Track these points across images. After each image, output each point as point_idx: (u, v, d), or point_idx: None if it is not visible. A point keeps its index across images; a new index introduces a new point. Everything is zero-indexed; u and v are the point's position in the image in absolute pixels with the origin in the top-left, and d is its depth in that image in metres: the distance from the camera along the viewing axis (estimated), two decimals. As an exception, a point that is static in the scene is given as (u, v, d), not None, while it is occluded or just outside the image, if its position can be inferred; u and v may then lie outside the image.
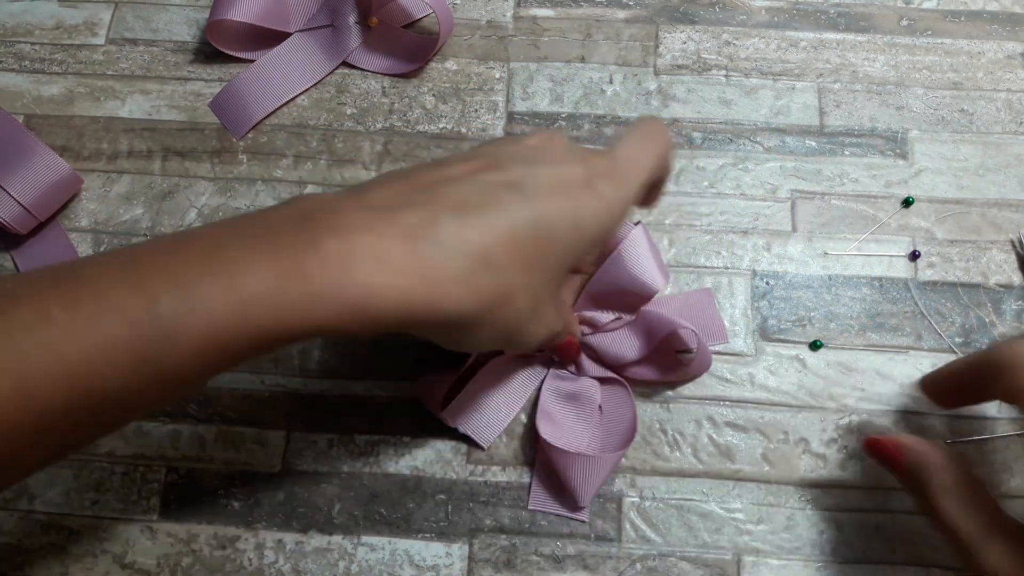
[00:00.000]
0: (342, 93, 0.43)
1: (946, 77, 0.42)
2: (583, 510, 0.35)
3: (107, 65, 0.44)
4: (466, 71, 0.43)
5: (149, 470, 0.36)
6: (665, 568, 0.34)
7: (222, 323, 0.21)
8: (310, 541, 0.35)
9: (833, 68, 0.43)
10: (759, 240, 0.39)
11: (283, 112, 0.43)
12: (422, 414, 0.37)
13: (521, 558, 0.35)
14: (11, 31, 0.45)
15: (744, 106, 0.42)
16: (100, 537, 0.35)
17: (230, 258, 0.22)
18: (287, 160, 0.42)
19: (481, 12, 0.44)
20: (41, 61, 0.44)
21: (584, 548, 0.35)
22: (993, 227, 0.39)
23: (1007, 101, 0.42)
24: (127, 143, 0.42)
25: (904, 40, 0.43)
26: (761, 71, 0.43)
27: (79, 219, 0.41)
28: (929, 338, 0.38)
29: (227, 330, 0.22)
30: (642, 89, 0.43)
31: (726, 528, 0.35)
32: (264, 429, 0.37)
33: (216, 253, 0.22)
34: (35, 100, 0.43)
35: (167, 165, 0.42)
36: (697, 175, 0.41)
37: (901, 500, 0.35)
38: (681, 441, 0.36)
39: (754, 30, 0.44)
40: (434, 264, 0.24)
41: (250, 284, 0.22)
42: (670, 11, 0.44)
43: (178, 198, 0.41)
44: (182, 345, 0.21)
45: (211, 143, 0.42)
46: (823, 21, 0.44)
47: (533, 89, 0.43)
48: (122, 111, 0.43)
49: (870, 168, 0.41)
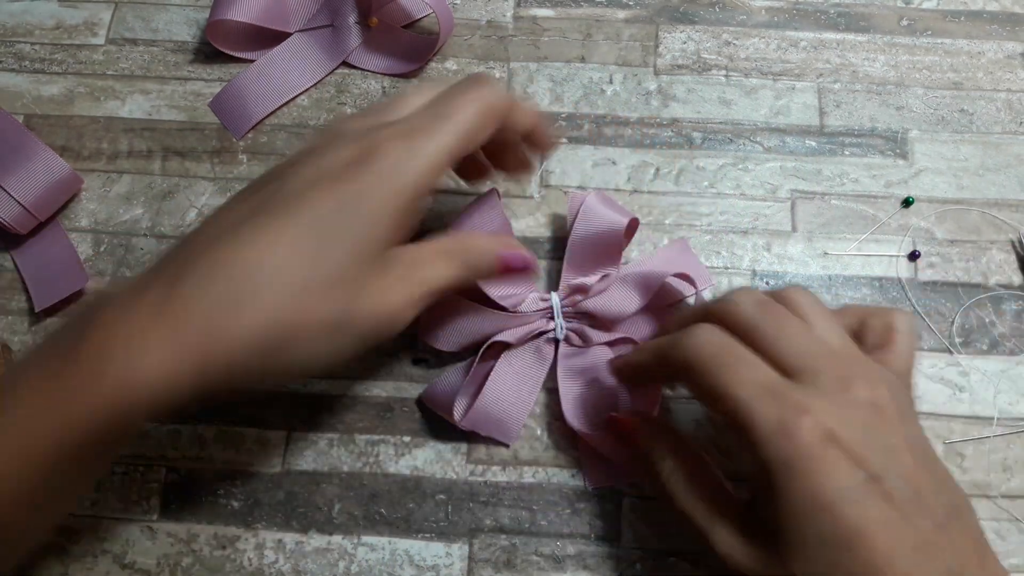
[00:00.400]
0: (342, 93, 0.43)
1: (946, 77, 0.42)
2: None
3: (107, 65, 0.44)
4: (466, 71, 0.43)
5: (149, 470, 0.36)
6: (665, 569, 0.34)
7: (19, 451, 0.23)
8: (310, 541, 0.35)
9: (833, 68, 0.43)
10: (759, 240, 0.39)
11: (283, 112, 0.43)
12: (422, 414, 0.37)
13: (521, 558, 0.35)
14: (11, 31, 0.45)
15: (744, 106, 0.42)
16: (100, 537, 0.35)
17: (10, 390, 0.24)
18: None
19: (481, 12, 0.44)
20: (41, 61, 0.44)
21: (584, 548, 0.35)
22: (993, 227, 0.39)
23: (1007, 101, 0.42)
24: (127, 143, 0.42)
25: (904, 40, 0.43)
26: (761, 71, 0.43)
27: (79, 219, 0.41)
28: (929, 338, 0.38)
29: (30, 452, 0.23)
30: (642, 89, 0.43)
31: (726, 528, 0.35)
32: (264, 429, 0.37)
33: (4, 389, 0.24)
34: (35, 100, 0.43)
35: (167, 165, 0.42)
36: (697, 175, 0.41)
37: (901, 500, 0.35)
38: (681, 441, 0.36)
39: (754, 30, 0.44)
40: (188, 322, 0.23)
41: (25, 406, 0.23)
42: (670, 11, 0.44)
43: (178, 198, 0.41)
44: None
45: (211, 143, 0.42)
46: (823, 21, 0.44)
47: (533, 89, 0.43)
48: (122, 111, 0.43)
49: (870, 168, 0.41)
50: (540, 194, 0.41)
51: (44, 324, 0.39)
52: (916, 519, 0.25)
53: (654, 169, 0.41)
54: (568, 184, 0.41)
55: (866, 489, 0.25)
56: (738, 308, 0.28)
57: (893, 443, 0.26)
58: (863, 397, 0.26)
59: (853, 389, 0.26)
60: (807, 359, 0.27)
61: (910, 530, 0.24)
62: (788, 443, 0.25)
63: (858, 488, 0.25)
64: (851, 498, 0.24)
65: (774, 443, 0.25)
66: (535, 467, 0.36)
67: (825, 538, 0.25)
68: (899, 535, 0.24)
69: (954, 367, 0.37)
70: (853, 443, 0.25)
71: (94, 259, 0.40)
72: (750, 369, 0.27)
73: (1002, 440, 0.36)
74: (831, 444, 0.25)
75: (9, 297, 0.39)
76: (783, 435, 0.25)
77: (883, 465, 0.25)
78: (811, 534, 0.25)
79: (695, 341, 0.28)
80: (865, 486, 0.25)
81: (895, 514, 0.24)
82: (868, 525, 0.24)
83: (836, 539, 0.24)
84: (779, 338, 0.27)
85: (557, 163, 0.41)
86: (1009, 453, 0.36)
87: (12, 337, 0.39)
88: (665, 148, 0.41)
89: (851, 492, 0.25)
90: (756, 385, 0.26)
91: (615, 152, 0.41)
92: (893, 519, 0.24)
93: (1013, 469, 0.35)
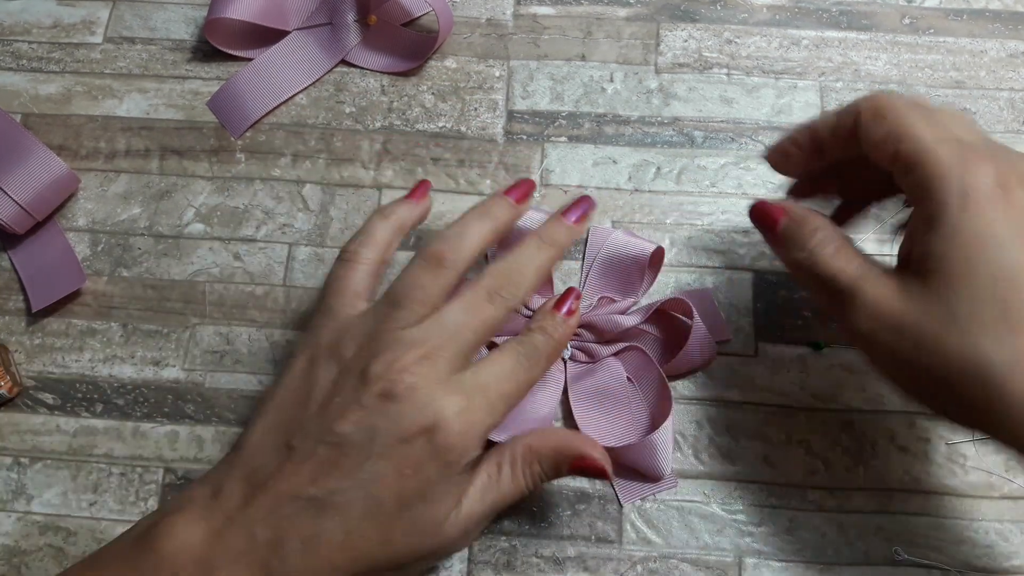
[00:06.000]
0: (341, 91, 0.43)
1: (948, 76, 0.42)
2: (672, 475, 0.35)
3: (105, 64, 0.43)
4: (466, 69, 0.43)
5: (147, 471, 0.36)
6: (666, 570, 0.34)
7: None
8: (309, 542, 0.35)
9: (835, 67, 0.43)
10: (761, 239, 0.39)
11: (281, 111, 0.42)
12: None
13: (521, 560, 0.34)
14: (8, 30, 0.44)
15: (746, 105, 0.42)
16: (98, 538, 0.35)
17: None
18: (285, 159, 0.41)
19: (481, 10, 0.44)
20: (38, 60, 0.44)
21: (584, 550, 0.34)
22: (996, 226, 0.39)
23: (1010, 100, 0.42)
24: (125, 142, 0.42)
25: (906, 39, 0.43)
26: (763, 69, 0.43)
27: (76, 218, 0.41)
28: (931, 338, 0.37)
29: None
30: (643, 87, 0.42)
31: (727, 530, 0.35)
32: (263, 430, 0.37)
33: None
34: (32, 99, 0.43)
35: (165, 164, 0.41)
36: (698, 174, 0.41)
37: (903, 501, 0.35)
38: (682, 442, 0.36)
39: (756, 28, 0.43)
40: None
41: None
42: (671, 9, 0.44)
43: (176, 197, 0.41)
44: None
45: (209, 142, 0.42)
46: (825, 19, 0.44)
47: (533, 87, 0.42)
48: (120, 110, 0.43)
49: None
50: (540, 193, 0.40)
51: (41, 324, 0.39)
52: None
53: (655, 168, 0.41)
54: (568, 183, 0.40)
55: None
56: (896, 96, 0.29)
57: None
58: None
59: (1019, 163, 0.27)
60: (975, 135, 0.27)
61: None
62: (971, 178, 0.25)
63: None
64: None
65: (956, 176, 0.25)
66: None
67: (996, 274, 0.24)
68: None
69: (957, 367, 0.37)
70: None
71: (91, 259, 0.40)
72: (932, 122, 0.27)
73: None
74: (1010, 190, 0.25)
75: (6, 297, 0.39)
76: (966, 170, 0.25)
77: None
78: (982, 269, 0.24)
79: (880, 94, 0.28)
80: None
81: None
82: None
83: (1007, 276, 0.24)
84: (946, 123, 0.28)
85: (557, 162, 0.41)
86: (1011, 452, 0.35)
87: (9, 337, 0.38)
88: (666, 147, 0.41)
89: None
90: (941, 130, 0.27)
91: (616, 151, 0.41)
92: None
93: (1016, 469, 0.35)
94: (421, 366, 0.27)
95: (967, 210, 0.25)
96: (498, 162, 0.41)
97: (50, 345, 0.38)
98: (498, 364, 0.29)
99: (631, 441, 0.35)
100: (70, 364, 0.38)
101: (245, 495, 0.27)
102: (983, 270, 0.25)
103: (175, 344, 0.38)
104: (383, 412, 0.27)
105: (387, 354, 0.27)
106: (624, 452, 0.35)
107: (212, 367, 0.38)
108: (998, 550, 0.34)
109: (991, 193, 0.25)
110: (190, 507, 0.27)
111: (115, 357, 0.38)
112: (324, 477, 0.27)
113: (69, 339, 0.38)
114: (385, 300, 0.29)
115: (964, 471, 0.35)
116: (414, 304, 0.28)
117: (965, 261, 0.25)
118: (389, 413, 0.27)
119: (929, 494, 0.35)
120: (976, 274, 0.25)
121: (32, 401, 0.37)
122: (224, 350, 0.38)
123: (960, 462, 0.35)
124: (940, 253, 0.25)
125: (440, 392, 0.27)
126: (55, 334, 0.39)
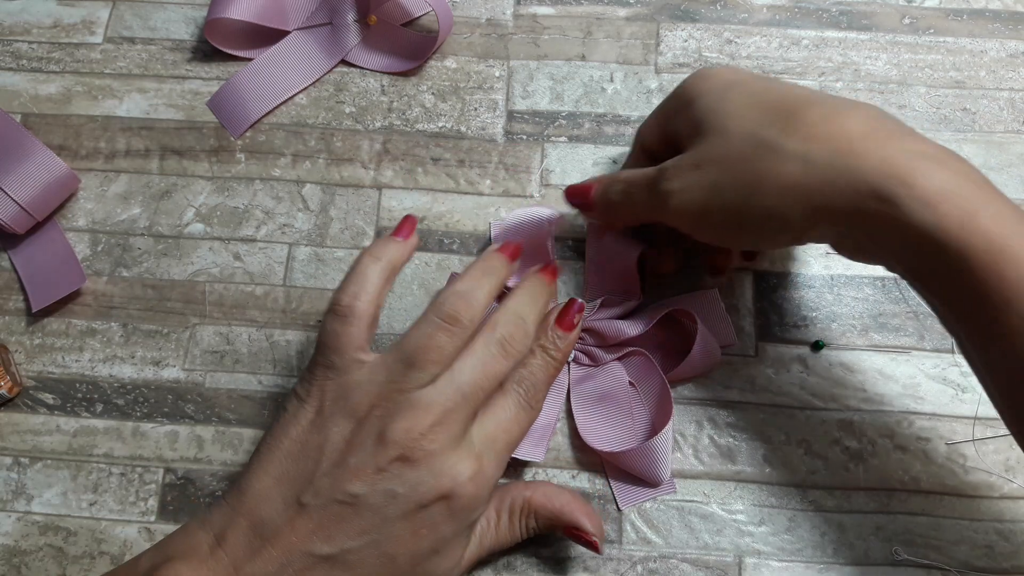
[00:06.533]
0: (341, 92, 0.43)
1: (948, 76, 0.42)
2: (670, 481, 0.35)
3: (105, 64, 0.43)
4: (465, 69, 0.43)
5: (147, 471, 0.36)
6: (666, 570, 0.34)
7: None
8: (309, 542, 0.35)
9: (835, 67, 0.43)
10: (760, 240, 0.39)
11: (281, 111, 0.42)
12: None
13: (521, 560, 0.34)
14: (8, 30, 0.44)
15: (745, 105, 0.42)
16: (97, 538, 0.35)
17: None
18: (285, 159, 0.41)
19: (481, 10, 0.44)
20: (39, 60, 0.44)
21: (585, 550, 0.34)
22: (996, 226, 0.39)
23: (1010, 100, 0.42)
24: (125, 142, 0.42)
25: (906, 39, 0.43)
26: (763, 69, 0.42)
27: (76, 218, 0.41)
28: (931, 338, 0.37)
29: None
30: (643, 87, 0.42)
31: (727, 530, 0.35)
32: (262, 430, 0.37)
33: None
34: (32, 99, 0.43)
35: (165, 164, 0.41)
36: (698, 174, 0.41)
37: (903, 501, 0.35)
38: (682, 442, 0.36)
39: (755, 28, 0.43)
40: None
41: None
42: (671, 9, 0.44)
43: (176, 197, 0.41)
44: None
45: (209, 142, 0.42)
46: (825, 19, 0.44)
47: (533, 87, 0.42)
48: (120, 110, 0.43)
49: (872, 167, 0.40)
50: (540, 193, 0.40)
51: (41, 324, 0.39)
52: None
53: (655, 168, 0.41)
54: (568, 183, 0.40)
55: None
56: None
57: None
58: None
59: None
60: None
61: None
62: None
63: None
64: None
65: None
66: (535, 468, 0.36)
67: (747, 109, 0.30)
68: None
69: (956, 367, 0.37)
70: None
71: (91, 259, 0.40)
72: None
73: (1005, 441, 0.36)
74: (740, 83, 0.32)
75: (6, 297, 0.39)
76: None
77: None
78: (742, 112, 0.31)
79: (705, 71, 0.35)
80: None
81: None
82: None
83: (757, 103, 0.30)
84: None
85: (557, 162, 0.41)
86: (1012, 454, 0.35)
87: (9, 337, 0.38)
88: (666, 147, 0.41)
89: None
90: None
91: (616, 151, 0.41)
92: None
93: (1016, 470, 0.35)
94: (438, 433, 0.28)
95: (708, 96, 0.31)
96: (498, 162, 0.41)
97: (50, 345, 0.38)
98: (503, 410, 0.30)
99: (631, 446, 0.35)
100: (70, 364, 0.38)
101: (252, 547, 0.27)
102: (743, 112, 0.30)
103: (175, 344, 0.38)
104: (401, 477, 0.27)
105: (405, 417, 0.28)
106: (623, 457, 0.35)
107: (212, 367, 0.38)
108: (998, 550, 0.34)
109: (726, 87, 0.31)
110: (194, 555, 0.27)
111: (115, 357, 0.38)
112: (338, 535, 0.27)
113: (69, 339, 0.38)
114: (399, 356, 0.29)
115: (964, 471, 0.35)
116: (430, 365, 0.28)
117: (725, 115, 0.30)
118: (407, 478, 0.27)
119: (929, 494, 0.35)
120: (739, 116, 0.30)
121: (32, 401, 0.37)
122: (224, 350, 0.38)
123: (960, 462, 0.35)
124: (705, 123, 0.30)
125: (455, 457, 0.28)
126: (55, 334, 0.39)
